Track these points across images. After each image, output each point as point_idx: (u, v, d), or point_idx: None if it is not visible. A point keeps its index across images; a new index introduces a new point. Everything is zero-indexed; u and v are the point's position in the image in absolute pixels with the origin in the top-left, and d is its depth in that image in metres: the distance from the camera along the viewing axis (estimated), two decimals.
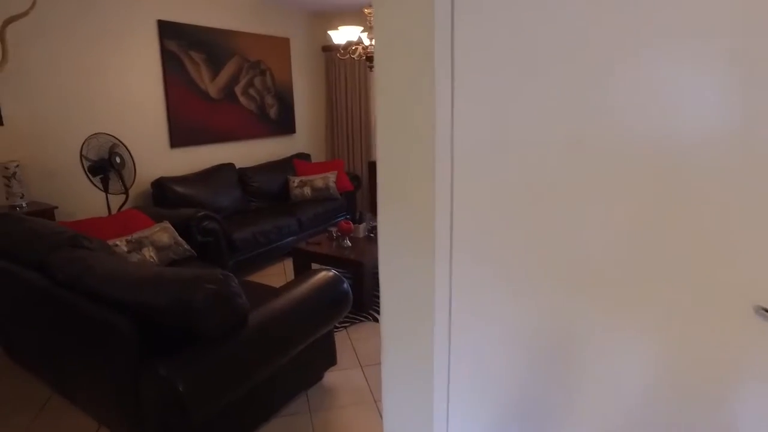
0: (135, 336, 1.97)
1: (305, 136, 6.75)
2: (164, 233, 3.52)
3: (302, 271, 4.18)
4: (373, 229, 4.36)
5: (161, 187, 4.64)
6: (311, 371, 2.80)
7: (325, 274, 2.62)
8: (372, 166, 6.35)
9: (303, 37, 6.48)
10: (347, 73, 6.64)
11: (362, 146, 6.78)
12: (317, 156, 6.95)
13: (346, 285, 2.65)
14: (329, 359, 2.91)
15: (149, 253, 3.33)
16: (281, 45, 6.14)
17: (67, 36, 4.09)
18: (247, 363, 2.12)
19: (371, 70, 4.30)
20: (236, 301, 1.99)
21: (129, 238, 3.33)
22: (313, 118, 6.89)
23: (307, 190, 5.64)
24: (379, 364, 3.29)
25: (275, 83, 6.09)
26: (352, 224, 4.04)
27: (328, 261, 3.99)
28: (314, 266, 4.41)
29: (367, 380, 3.03)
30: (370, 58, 4.16)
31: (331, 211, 5.65)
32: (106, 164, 3.89)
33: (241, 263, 4.56)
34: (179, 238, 3.60)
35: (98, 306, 2.08)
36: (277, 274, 4.83)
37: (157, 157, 4.90)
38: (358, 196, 6.47)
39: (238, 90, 5.60)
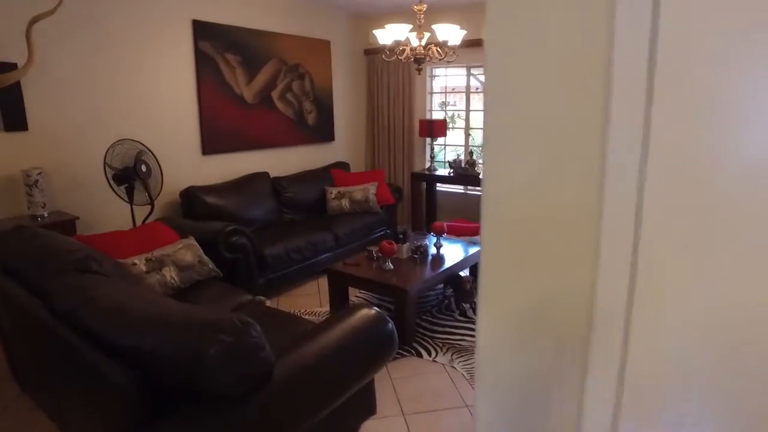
0: (133, 391, 1.59)
1: (344, 145, 6.39)
2: (188, 251, 3.18)
3: (338, 294, 3.78)
4: (418, 250, 3.93)
5: (190, 197, 4.34)
6: (345, 424, 2.38)
7: (367, 312, 2.20)
8: (415, 178, 5.92)
9: (344, 39, 6.13)
10: (390, 78, 6.25)
11: (405, 156, 6.36)
12: (357, 166, 6.57)
13: (391, 326, 2.22)
14: (367, 408, 2.48)
15: (170, 274, 2.99)
16: (321, 47, 5.80)
17: (96, 36, 3.84)
18: (270, 427, 1.71)
19: (419, 73, 3.89)
20: (257, 354, 1.58)
21: (149, 255, 3.00)
22: (353, 126, 6.52)
23: (345, 203, 5.25)
24: (426, 412, 2.84)
25: (314, 88, 5.75)
26: (395, 245, 3.62)
27: (367, 285, 3.58)
28: (352, 294, 4.01)
29: None
30: (418, 60, 3.75)
31: (371, 226, 5.24)
32: (131, 173, 3.59)
33: (272, 281, 4.20)
34: (204, 257, 3.26)
35: (91, 348, 1.71)
36: (312, 294, 4.44)
37: (188, 164, 4.61)
38: (399, 209, 6.05)
39: (274, 95, 5.28)
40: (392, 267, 3.65)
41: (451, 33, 3.51)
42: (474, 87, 6.11)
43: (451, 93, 6.61)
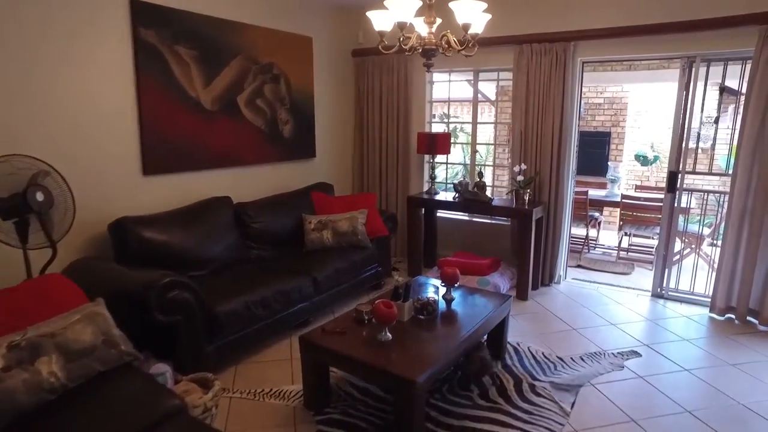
0: None
1: (328, 162, 5.36)
2: (88, 325, 2.12)
3: (315, 375, 2.73)
4: (425, 309, 2.90)
5: (122, 232, 3.26)
6: None
7: None
8: (412, 203, 4.91)
9: (329, 36, 5.13)
10: (383, 83, 5.26)
11: (399, 176, 5.36)
12: (343, 188, 5.54)
13: None
14: None
15: (49, 367, 1.92)
16: (301, 45, 4.80)
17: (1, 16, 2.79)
18: None
19: (428, 70, 2.88)
20: None
21: (18, 338, 1.93)
22: (338, 139, 5.50)
23: (327, 235, 4.21)
24: None
25: (291, 93, 4.73)
26: (393, 307, 2.59)
27: (354, 367, 2.54)
28: (334, 375, 2.96)
29: None
30: (428, 52, 2.75)
31: (359, 264, 4.21)
32: (21, 203, 2.52)
33: (227, 347, 3.13)
34: (114, 333, 2.19)
35: None
36: (282, 360, 3.38)
37: (122, 188, 3.54)
38: (393, 242, 5.04)
39: (241, 100, 4.25)
40: (390, 337, 2.62)
41: (473, 14, 2.54)
42: (482, 95, 5.15)
43: (456, 103, 5.63)
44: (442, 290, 3.24)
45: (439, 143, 4.79)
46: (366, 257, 4.26)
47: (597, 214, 6.78)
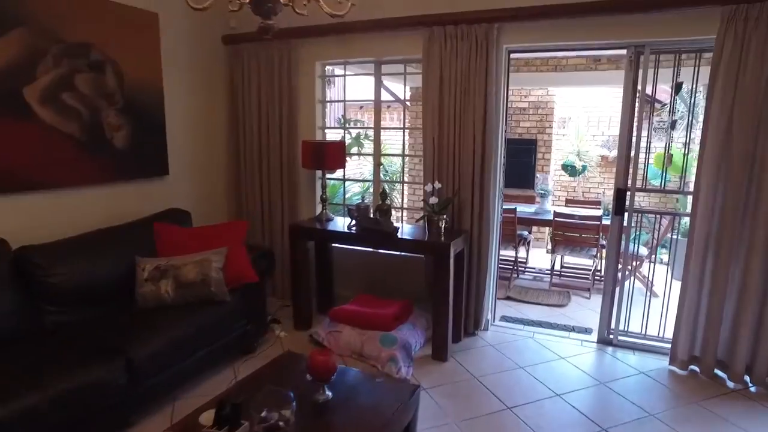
0: None
1: (188, 182, 4.08)
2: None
3: None
4: (321, 408, 1.75)
5: None
6: None
7: None
8: (297, 233, 3.75)
9: (187, 14, 3.88)
10: (264, 77, 4.09)
11: (285, 198, 4.19)
12: (211, 215, 4.26)
13: None
14: None
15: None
16: (141, 23, 3.53)
17: None
18: None
19: (267, 35, 1.72)
20: None
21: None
22: (204, 151, 4.25)
23: (166, 287, 2.94)
24: None
25: (125, 88, 3.44)
26: None
27: None
28: None
29: None
30: (262, 8, 1.62)
31: (212, 328, 2.98)
32: None
33: None
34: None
35: None
36: None
37: None
38: (278, 283, 3.89)
39: (31, 93, 2.91)
40: None
41: None
42: (391, 94, 4.11)
43: (354, 104, 4.56)
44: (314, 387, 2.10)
45: (330, 155, 3.67)
46: (223, 316, 3.04)
47: (526, 233, 5.95)
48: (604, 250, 5.21)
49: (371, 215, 3.55)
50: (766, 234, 2.94)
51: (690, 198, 3.25)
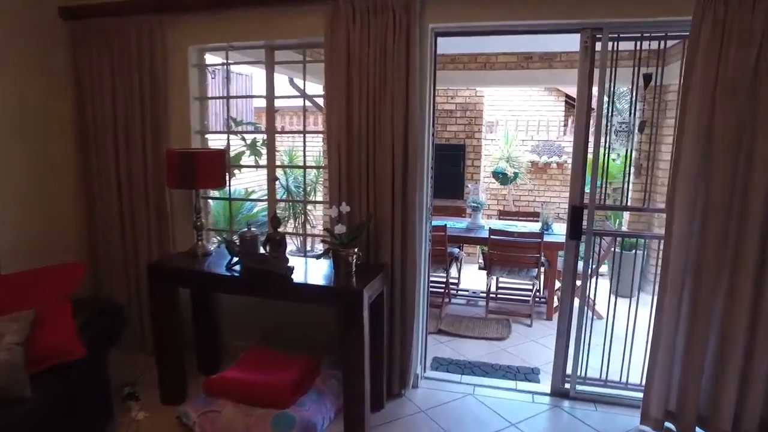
0: None
1: (4, 210, 2.97)
2: None
3: None
4: None
5: None
6: None
7: None
8: (157, 276, 2.75)
9: None
10: (119, 64, 3.08)
11: (154, 227, 3.17)
12: (40, 255, 3.13)
13: None
14: None
15: None
16: None
17: None
18: None
19: None
20: None
21: None
22: (34, 166, 3.13)
23: None
24: None
25: None
26: None
27: None
28: None
29: None
30: None
31: None
32: None
33: None
34: None
35: None
36: None
37: None
38: (136, 341, 2.88)
39: None
40: None
41: None
42: (297, 90, 3.26)
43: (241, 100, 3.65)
44: None
45: (203, 168, 2.71)
46: (19, 424, 1.99)
47: (457, 251, 5.26)
48: (543, 269, 4.65)
49: (258, 249, 2.63)
50: (756, 259, 2.34)
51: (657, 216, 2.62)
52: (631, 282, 4.52)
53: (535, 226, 4.95)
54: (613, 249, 4.35)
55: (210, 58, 3.40)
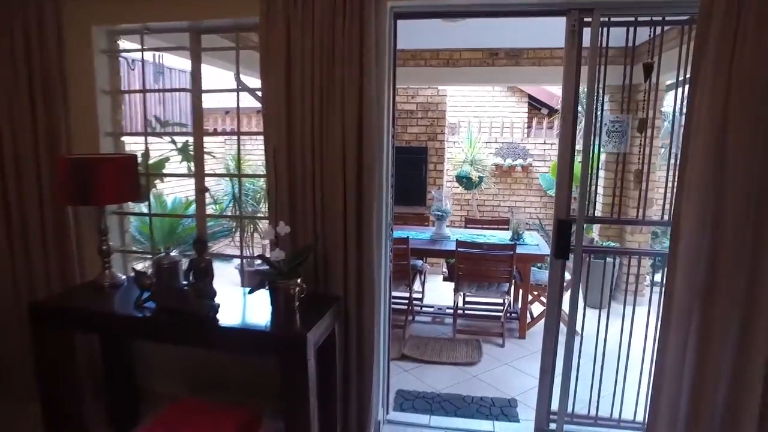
0: None
1: None
2: None
3: None
4: None
5: None
6: None
7: None
8: (43, 316, 2.16)
9: None
10: (2, 47, 2.48)
11: (54, 253, 2.56)
12: None
13: None
14: None
15: None
16: None
17: None
18: None
19: None
20: None
21: None
22: None
23: None
24: None
25: None
26: None
27: None
28: None
29: None
30: None
31: None
32: None
33: None
34: None
35: None
36: None
37: None
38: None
39: None
40: None
41: None
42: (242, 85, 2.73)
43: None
44: None
45: (101, 178, 2.14)
46: None
47: (420, 263, 4.82)
48: (514, 281, 4.25)
49: (176, 282, 2.09)
50: None
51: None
52: (600, 292, 4.22)
53: (504, 236, 4.56)
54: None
55: (126, 45, 2.83)
